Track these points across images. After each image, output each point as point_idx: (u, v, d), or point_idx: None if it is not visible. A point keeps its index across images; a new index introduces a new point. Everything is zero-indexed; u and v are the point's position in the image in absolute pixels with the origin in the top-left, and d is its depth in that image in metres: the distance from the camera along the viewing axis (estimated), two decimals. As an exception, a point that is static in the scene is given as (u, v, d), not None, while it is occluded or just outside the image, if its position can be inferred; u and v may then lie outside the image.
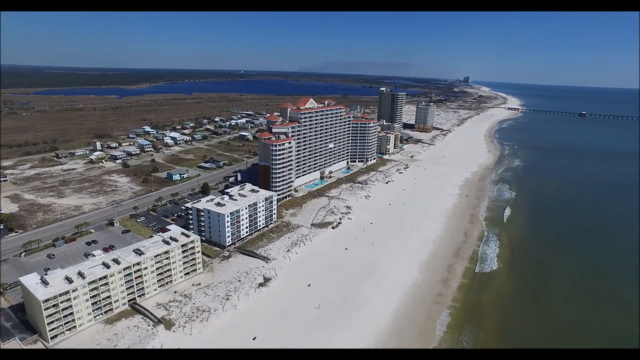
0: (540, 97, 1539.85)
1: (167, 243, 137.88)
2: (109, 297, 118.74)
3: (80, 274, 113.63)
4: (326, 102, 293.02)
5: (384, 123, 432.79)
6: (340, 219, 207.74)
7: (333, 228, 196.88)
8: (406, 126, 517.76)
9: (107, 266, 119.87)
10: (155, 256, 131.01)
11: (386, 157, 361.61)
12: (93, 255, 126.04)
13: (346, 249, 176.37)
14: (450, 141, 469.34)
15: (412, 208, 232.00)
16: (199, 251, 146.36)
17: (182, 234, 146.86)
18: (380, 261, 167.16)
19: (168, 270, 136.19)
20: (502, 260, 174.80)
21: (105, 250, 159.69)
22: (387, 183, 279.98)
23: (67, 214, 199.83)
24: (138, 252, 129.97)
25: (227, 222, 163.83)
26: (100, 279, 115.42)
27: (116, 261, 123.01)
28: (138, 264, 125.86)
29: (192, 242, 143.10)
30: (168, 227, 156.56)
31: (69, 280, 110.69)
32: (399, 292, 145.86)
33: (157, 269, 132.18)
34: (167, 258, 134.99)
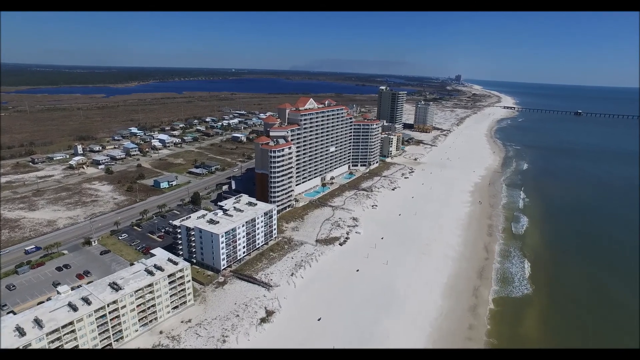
0: (534, 96, 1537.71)
1: (151, 273, 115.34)
2: (76, 346, 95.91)
3: (37, 322, 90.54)
4: (326, 102, 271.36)
5: (385, 123, 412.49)
6: (347, 233, 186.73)
7: (340, 244, 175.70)
8: (405, 126, 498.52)
9: (75, 308, 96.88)
10: (136, 291, 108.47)
11: (389, 160, 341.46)
12: (58, 293, 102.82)
13: (357, 270, 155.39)
14: (452, 142, 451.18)
15: (424, 218, 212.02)
16: (189, 280, 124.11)
17: (169, 260, 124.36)
18: (397, 285, 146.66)
19: (152, 306, 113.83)
20: (533, 281, 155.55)
21: (79, 277, 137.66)
22: (393, 190, 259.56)
23: (37, 230, 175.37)
24: (115, 286, 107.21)
25: (222, 242, 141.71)
26: (64, 326, 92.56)
27: (86, 300, 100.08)
28: (114, 302, 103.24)
29: (180, 270, 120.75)
30: (153, 251, 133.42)
31: (21, 332, 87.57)
32: (424, 325, 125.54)
33: (138, 305, 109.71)
34: (150, 292, 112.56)
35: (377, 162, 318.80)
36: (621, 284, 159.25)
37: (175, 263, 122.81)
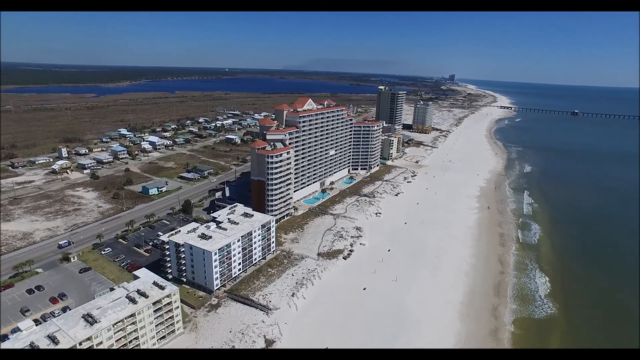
0: (530, 96, 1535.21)
1: (134, 301, 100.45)
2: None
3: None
4: (325, 103, 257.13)
5: (384, 124, 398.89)
6: (351, 245, 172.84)
7: (344, 258, 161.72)
8: (403, 127, 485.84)
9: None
10: (115, 324, 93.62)
11: (389, 162, 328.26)
12: (19, 330, 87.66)
13: (364, 288, 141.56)
14: (453, 143, 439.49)
15: (431, 227, 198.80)
16: (177, 307, 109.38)
17: (155, 283, 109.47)
18: (409, 305, 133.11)
19: (135, 339, 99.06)
20: (554, 298, 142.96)
21: (53, 301, 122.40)
22: (396, 195, 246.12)
23: (10, 245, 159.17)
24: (89, 319, 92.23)
25: (215, 260, 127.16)
26: (26, 374, 77.45)
27: (53, 339, 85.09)
28: (88, 339, 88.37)
29: (168, 296, 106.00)
30: (137, 272, 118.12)
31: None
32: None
33: (117, 340, 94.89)
34: (133, 323, 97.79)
35: (377, 165, 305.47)
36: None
37: (162, 287, 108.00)
